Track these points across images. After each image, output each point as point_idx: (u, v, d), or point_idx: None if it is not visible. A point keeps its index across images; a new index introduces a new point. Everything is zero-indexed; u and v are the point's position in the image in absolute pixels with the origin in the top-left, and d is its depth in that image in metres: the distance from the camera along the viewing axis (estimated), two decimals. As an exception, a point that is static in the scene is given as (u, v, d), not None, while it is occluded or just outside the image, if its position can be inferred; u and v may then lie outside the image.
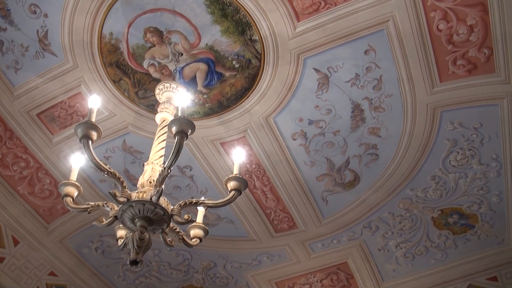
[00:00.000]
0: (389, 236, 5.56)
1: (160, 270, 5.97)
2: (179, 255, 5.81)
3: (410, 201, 5.20)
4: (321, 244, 5.68)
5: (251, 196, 5.14)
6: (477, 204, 5.20)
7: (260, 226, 5.46)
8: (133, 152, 4.75)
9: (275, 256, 5.82)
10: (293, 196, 5.10)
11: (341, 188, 5.07)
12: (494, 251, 5.60)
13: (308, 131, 4.56)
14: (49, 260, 5.47)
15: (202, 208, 3.13)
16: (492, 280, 5.66)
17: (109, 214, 2.75)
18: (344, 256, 5.80)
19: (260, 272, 6.04)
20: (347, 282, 6.04)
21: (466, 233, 5.49)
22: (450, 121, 4.47)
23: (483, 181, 4.96)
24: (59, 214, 5.26)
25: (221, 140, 4.65)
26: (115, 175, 2.64)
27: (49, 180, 4.96)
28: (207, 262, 5.91)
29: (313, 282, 6.09)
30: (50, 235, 5.36)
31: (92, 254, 5.68)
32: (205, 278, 6.09)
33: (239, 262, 5.91)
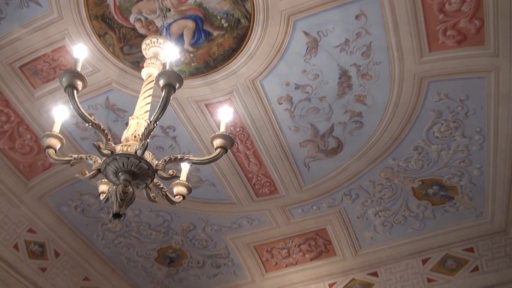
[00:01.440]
0: (369, 204, 5.63)
1: (139, 230, 5.99)
2: (159, 216, 5.82)
3: (392, 170, 5.25)
4: (301, 210, 5.73)
5: (233, 159, 5.14)
6: (458, 176, 5.28)
7: (242, 190, 5.48)
8: (116, 110, 4.69)
9: (255, 220, 5.87)
10: (275, 161, 5.12)
11: (324, 154, 5.10)
12: (472, 223, 5.74)
13: (294, 96, 4.54)
14: (28, 217, 5.44)
15: (186, 166, 3.12)
16: (469, 251, 5.80)
17: (92, 167, 2.72)
18: (323, 222, 5.88)
19: (239, 236, 6.09)
20: (324, 247, 6.14)
21: (445, 204, 5.59)
22: (436, 92, 4.49)
23: (465, 153, 5.03)
24: (39, 171, 5.21)
25: (206, 101, 4.61)
26: (99, 126, 2.61)
27: (30, 135, 4.89)
28: (187, 224, 5.93)
29: (291, 246, 6.18)
30: (29, 192, 5.31)
31: (72, 213, 5.65)
32: (184, 240, 6.13)
33: (219, 225, 5.95)
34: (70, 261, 5.94)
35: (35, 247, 5.61)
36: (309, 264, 6.31)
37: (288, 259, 6.31)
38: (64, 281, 5.95)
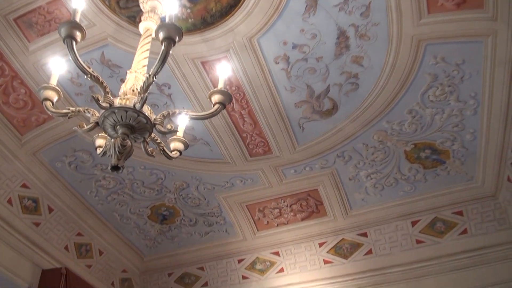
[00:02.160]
0: (361, 167, 5.70)
1: (133, 187, 6.03)
2: (152, 174, 5.86)
3: (385, 133, 5.30)
4: (293, 171, 5.80)
5: (228, 118, 5.15)
6: (451, 141, 5.34)
7: (236, 149, 5.52)
8: (111, 66, 4.66)
9: (248, 179, 5.93)
10: (270, 121, 5.14)
11: (319, 116, 5.12)
12: (462, 187, 5.84)
13: (291, 56, 4.52)
14: (22, 172, 5.45)
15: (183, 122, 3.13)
16: (458, 214, 5.93)
17: (90, 120, 2.73)
18: (315, 183, 5.96)
19: (232, 195, 6.17)
20: (316, 208, 6.24)
21: (436, 168, 5.67)
22: (433, 55, 4.49)
23: (459, 118, 5.08)
24: (33, 126, 5.19)
25: (202, 59, 4.58)
26: (98, 79, 2.60)
27: (24, 90, 4.85)
28: (180, 182, 5.98)
29: (282, 206, 6.28)
30: (23, 147, 5.30)
31: (65, 169, 5.66)
32: (178, 198, 6.20)
33: (212, 184, 6.01)
34: (63, 217, 5.99)
35: (28, 202, 5.64)
36: (300, 224, 6.43)
37: (280, 219, 6.42)
38: (57, 236, 6.02)
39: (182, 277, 7.12)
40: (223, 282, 6.92)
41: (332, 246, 6.42)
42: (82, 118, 4.15)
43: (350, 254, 6.36)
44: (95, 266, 6.63)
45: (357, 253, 6.33)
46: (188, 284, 7.10)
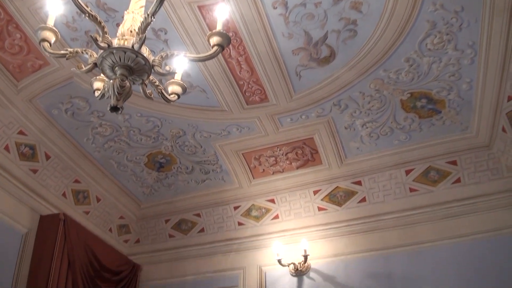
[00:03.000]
0: (357, 115, 5.75)
1: (129, 135, 6.08)
2: (149, 122, 5.90)
3: (382, 81, 5.32)
4: (290, 119, 5.85)
5: (225, 65, 5.14)
6: (447, 90, 5.37)
7: (232, 97, 5.54)
8: (107, 10, 4.59)
9: (244, 128, 5.98)
10: (267, 68, 5.14)
11: (316, 63, 5.12)
12: (457, 137, 5.91)
13: (290, 0, 4.47)
14: (19, 119, 5.47)
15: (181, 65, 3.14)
16: (452, 164, 6.02)
17: (88, 61, 2.74)
18: (311, 132, 6.02)
19: (228, 143, 6.24)
20: (311, 156, 6.32)
21: (432, 118, 5.73)
22: (432, 2, 4.44)
23: (456, 67, 5.08)
24: (29, 72, 5.18)
25: (199, 2, 4.50)
26: (96, 18, 2.59)
27: (19, 35, 4.80)
28: (177, 130, 6.03)
29: (278, 155, 6.36)
30: (19, 94, 5.31)
31: (62, 116, 5.69)
32: (174, 145, 6.26)
33: (209, 131, 6.06)
34: (60, 164, 6.06)
35: (25, 149, 5.69)
36: (295, 172, 6.53)
37: (275, 167, 6.52)
38: (54, 183, 6.11)
39: (179, 223, 7.28)
40: (219, 228, 7.08)
41: (326, 194, 6.55)
42: (79, 62, 4.15)
43: (344, 202, 6.51)
44: (92, 212, 6.76)
45: (351, 200, 6.47)
46: (185, 230, 7.27)
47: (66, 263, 5.80)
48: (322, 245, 6.48)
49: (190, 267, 7.10)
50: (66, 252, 5.83)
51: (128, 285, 6.94)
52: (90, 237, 6.43)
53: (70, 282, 5.81)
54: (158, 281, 7.21)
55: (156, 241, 7.43)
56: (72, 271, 5.85)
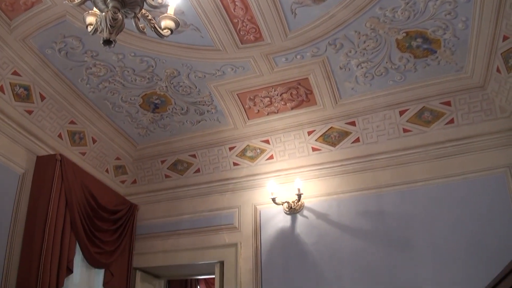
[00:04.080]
0: (352, 55, 5.75)
1: (124, 75, 6.09)
2: (143, 62, 5.89)
3: (378, 20, 5.29)
4: (284, 59, 5.85)
5: (219, 3, 5.07)
6: (443, 29, 5.34)
7: (226, 36, 5.51)
8: None
9: (239, 68, 5.99)
10: (262, 5, 5.07)
11: (311, 0, 5.07)
12: (452, 77, 5.93)
13: None
14: (12, 59, 5.46)
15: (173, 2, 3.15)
16: (446, 105, 6.07)
17: (80, -6, 2.75)
18: (306, 72, 6.03)
19: (223, 83, 6.26)
20: (306, 97, 6.37)
21: (427, 58, 5.73)
22: None
23: (452, 5, 5.02)
24: (22, 10, 5.11)
25: None
26: (86, -51, 2.60)
27: (11, -29, 4.75)
28: (171, 70, 6.03)
29: (273, 95, 6.40)
30: (12, 33, 5.27)
31: (56, 56, 5.67)
32: (169, 86, 6.29)
33: (203, 72, 6.07)
34: (55, 105, 6.10)
35: (20, 90, 5.71)
36: (290, 113, 6.60)
37: (270, 108, 6.58)
38: (50, 124, 6.17)
39: (175, 164, 7.41)
40: (214, 168, 7.22)
41: (320, 134, 6.64)
42: None
43: (338, 142, 6.61)
44: (89, 153, 6.86)
45: (345, 141, 6.57)
46: (181, 171, 7.41)
47: (63, 203, 5.93)
48: (316, 184, 6.65)
49: (187, 207, 7.30)
50: (63, 192, 5.95)
51: (126, 224, 7.14)
52: (87, 177, 6.55)
53: (68, 221, 5.95)
54: (155, 220, 7.41)
55: (152, 181, 7.58)
56: (70, 211, 5.99)
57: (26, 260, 5.47)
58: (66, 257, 5.80)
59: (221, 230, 6.97)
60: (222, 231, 6.96)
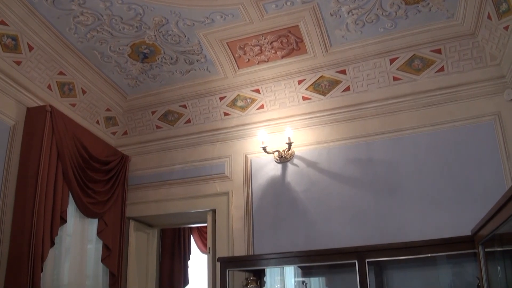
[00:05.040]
0: (343, 1, 5.66)
1: (111, 24, 6.00)
2: (130, 9, 5.79)
3: (369, -35, 5.23)
4: (274, 5, 5.77)
5: None
6: (434, -26, 5.31)
7: (215, -19, 5.44)
8: None
9: (228, 15, 5.91)
10: (249, -51, 5.01)
11: None
12: (442, 24, 5.89)
13: None
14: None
15: None
16: (436, 52, 6.06)
17: None
18: (296, 19, 5.96)
19: (212, 31, 6.18)
20: (296, 45, 6.33)
21: (418, 4, 5.65)
22: None
23: (443, -51, 4.99)
24: (4, -42, 5.03)
25: None
26: None
27: None
28: (160, 18, 5.95)
29: (263, 44, 6.35)
30: (-4, -22, 5.18)
31: (42, 4, 5.53)
32: (157, 35, 6.22)
33: (192, 19, 5.98)
34: (44, 55, 6.04)
35: (8, 40, 5.63)
36: (280, 62, 6.57)
37: (260, 56, 6.54)
38: (39, 75, 6.13)
39: (166, 114, 7.42)
40: (205, 119, 7.24)
41: (311, 83, 6.64)
42: None
43: (328, 91, 6.62)
44: (79, 105, 6.85)
45: (335, 90, 6.58)
46: (172, 121, 7.43)
47: (55, 154, 5.96)
48: (306, 133, 6.71)
49: (178, 157, 7.36)
50: (54, 143, 5.97)
51: (118, 174, 7.21)
52: (77, 128, 6.56)
53: (60, 172, 6.01)
54: (147, 171, 7.49)
55: (143, 132, 7.61)
56: (61, 161, 6.04)
57: (20, 210, 5.55)
58: (59, 207, 5.88)
59: (213, 179, 7.06)
60: (214, 181, 7.05)
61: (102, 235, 6.79)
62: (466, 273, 5.32)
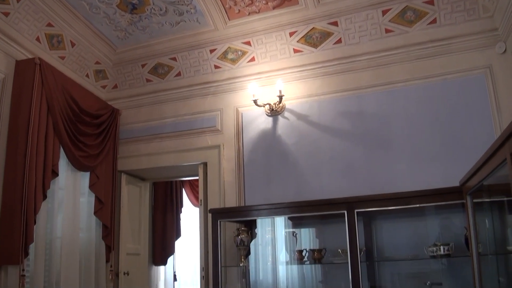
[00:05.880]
0: (334, -49, 5.59)
1: (98, -26, 5.89)
2: (118, -42, 5.68)
3: None
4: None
5: None
6: None
7: None
8: None
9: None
10: None
11: None
12: (436, -26, 5.83)
13: None
14: None
15: None
16: (429, 4, 5.96)
17: None
18: (288, -32, 5.88)
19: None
20: (288, -5, 6.27)
21: (411, -47, 5.59)
22: None
23: None
24: None
25: None
26: None
27: None
28: (148, -33, 5.85)
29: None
30: None
31: (25, -49, 5.44)
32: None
33: (181, -32, 5.89)
34: (32, 6, 5.93)
35: (-6, -10, 5.54)
36: (271, 13, 6.47)
37: (251, 7, 6.43)
38: (28, 27, 6.04)
39: (155, 67, 7.36)
40: (195, 72, 7.19)
41: (302, 35, 6.57)
42: None
43: (320, 43, 6.57)
44: (68, 57, 6.78)
45: (327, 42, 6.53)
46: (162, 75, 7.38)
47: (45, 108, 5.94)
48: (297, 86, 6.70)
49: (169, 110, 7.36)
50: (44, 96, 5.94)
51: (109, 128, 7.21)
52: (67, 82, 6.51)
53: (51, 125, 6.00)
54: (138, 124, 7.50)
55: (133, 86, 7.56)
56: (52, 115, 6.02)
57: (12, 163, 5.58)
58: (51, 161, 5.91)
59: (204, 132, 7.08)
60: (205, 134, 7.08)
61: (94, 188, 6.85)
62: (454, 225, 5.44)
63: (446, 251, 5.09)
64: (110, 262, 7.03)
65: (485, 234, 4.12)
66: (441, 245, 5.12)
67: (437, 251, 5.13)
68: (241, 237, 6.02)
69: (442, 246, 5.11)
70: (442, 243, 5.14)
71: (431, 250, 5.19)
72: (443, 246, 5.11)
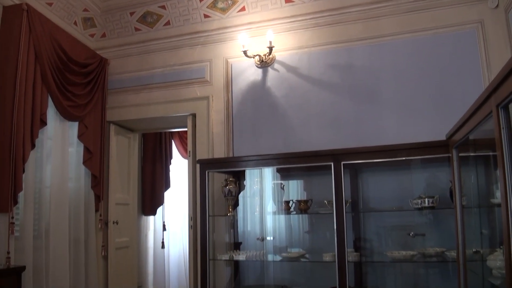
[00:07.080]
0: None
1: None
2: None
3: None
4: None
5: None
6: None
7: None
8: None
9: None
10: None
11: None
12: None
13: None
14: None
15: None
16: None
17: None
18: None
19: None
20: None
21: None
22: None
23: None
24: None
25: None
26: None
27: None
28: None
29: None
30: None
31: None
32: None
33: None
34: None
35: None
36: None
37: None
38: (11, -28, 5.91)
39: (144, 16, 7.25)
40: (185, 21, 7.10)
41: (295, -21, 6.50)
42: None
43: (312, -6, 6.51)
44: (56, 4, 6.66)
45: (319, -8, 6.48)
46: (151, 23, 7.28)
47: (33, 55, 5.89)
48: (287, 37, 6.66)
49: (158, 61, 7.31)
50: (32, 44, 5.88)
51: (97, 78, 7.17)
52: (55, 29, 6.43)
53: (38, 74, 5.96)
54: (127, 74, 7.46)
55: (122, 35, 7.47)
56: (40, 63, 5.98)
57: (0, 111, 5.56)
58: (39, 109, 5.90)
59: (193, 83, 7.07)
60: (194, 85, 7.07)
61: (83, 138, 6.87)
62: (439, 179, 5.53)
63: (431, 203, 5.21)
64: (99, 212, 7.14)
65: (470, 187, 4.18)
66: (426, 198, 5.23)
67: (421, 203, 5.25)
68: (229, 187, 6.11)
69: (427, 198, 5.22)
70: (427, 196, 5.25)
71: (415, 202, 5.31)
72: (428, 198, 5.22)
